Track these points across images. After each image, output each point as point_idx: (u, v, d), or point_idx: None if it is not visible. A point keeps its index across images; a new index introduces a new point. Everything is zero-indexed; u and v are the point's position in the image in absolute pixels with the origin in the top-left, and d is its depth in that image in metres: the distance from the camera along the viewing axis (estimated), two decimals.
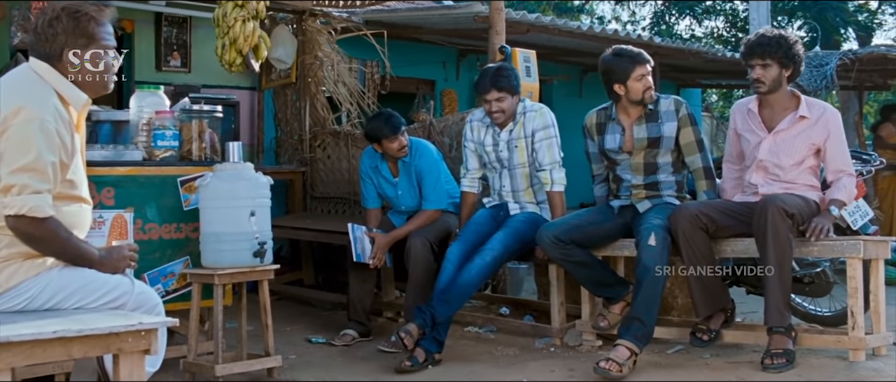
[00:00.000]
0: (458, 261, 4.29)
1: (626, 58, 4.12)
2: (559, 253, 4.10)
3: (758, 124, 3.92)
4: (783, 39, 3.84)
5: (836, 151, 3.81)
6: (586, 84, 10.94)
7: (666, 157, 4.18)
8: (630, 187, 4.21)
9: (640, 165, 4.19)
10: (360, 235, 4.77)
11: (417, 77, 9.22)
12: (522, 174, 4.57)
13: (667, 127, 4.15)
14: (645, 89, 4.11)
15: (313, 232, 5.90)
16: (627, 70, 4.09)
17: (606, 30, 7.67)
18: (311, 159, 6.81)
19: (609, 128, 4.28)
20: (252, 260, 3.94)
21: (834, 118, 3.83)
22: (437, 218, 4.82)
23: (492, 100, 4.44)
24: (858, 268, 3.52)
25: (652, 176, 4.17)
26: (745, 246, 3.80)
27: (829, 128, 3.80)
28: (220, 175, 3.99)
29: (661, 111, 4.18)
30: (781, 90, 3.86)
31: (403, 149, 4.83)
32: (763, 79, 3.87)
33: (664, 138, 4.15)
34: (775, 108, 3.89)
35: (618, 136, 4.23)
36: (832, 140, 3.80)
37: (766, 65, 3.86)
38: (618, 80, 4.13)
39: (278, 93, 7.27)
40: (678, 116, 4.16)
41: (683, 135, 4.17)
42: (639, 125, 4.19)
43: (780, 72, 3.83)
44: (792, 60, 3.81)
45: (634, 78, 4.09)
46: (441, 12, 6.81)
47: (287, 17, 7.01)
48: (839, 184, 3.78)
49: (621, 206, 4.25)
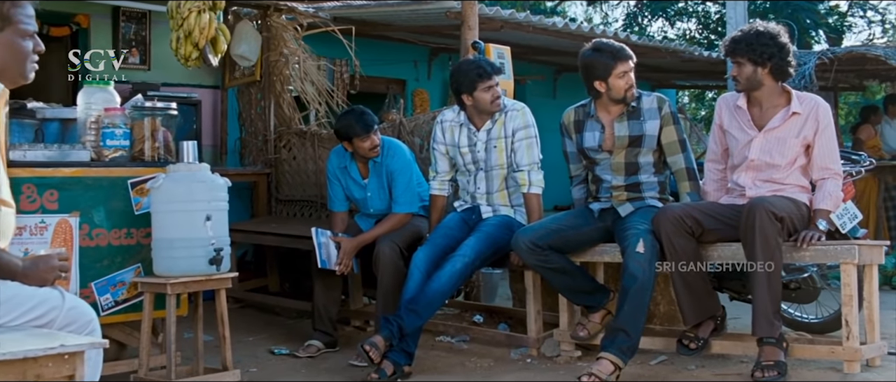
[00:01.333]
0: (427, 268, 4.06)
1: (608, 53, 3.91)
2: (536, 259, 3.87)
3: (747, 121, 3.71)
4: (755, 37, 3.65)
5: (824, 147, 3.62)
6: (561, 84, 10.81)
7: (648, 157, 3.98)
8: (610, 188, 4.00)
9: (620, 165, 3.98)
10: (324, 240, 4.51)
11: (388, 76, 9.05)
12: (499, 175, 4.35)
13: (649, 125, 3.95)
14: (627, 87, 3.90)
15: (278, 237, 5.64)
16: (609, 66, 3.88)
17: (582, 27, 7.46)
18: (276, 160, 6.55)
19: (588, 126, 4.07)
20: (208, 268, 3.67)
21: (825, 111, 3.63)
22: (407, 222, 4.58)
23: (494, 86, 4.23)
24: (853, 274, 3.32)
25: (633, 176, 3.96)
26: (732, 251, 3.60)
27: (819, 120, 3.61)
28: (173, 176, 3.72)
29: (643, 108, 3.97)
30: (765, 87, 3.67)
31: (375, 148, 4.58)
32: (738, 77, 3.71)
33: (646, 137, 3.94)
34: (764, 105, 3.69)
35: (597, 134, 4.02)
36: (821, 134, 3.61)
37: (739, 64, 3.70)
38: (599, 77, 3.92)
39: (242, 92, 7.00)
40: (661, 114, 3.96)
41: (666, 133, 3.96)
42: (620, 123, 3.98)
43: (756, 70, 3.64)
44: (768, 58, 3.60)
45: (616, 75, 3.89)
46: (412, 8, 6.55)
47: (251, 12, 6.74)
48: (824, 191, 3.58)
49: (602, 209, 4.03)
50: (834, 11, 16.26)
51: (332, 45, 6.55)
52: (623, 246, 3.71)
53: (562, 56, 9.47)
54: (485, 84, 4.19)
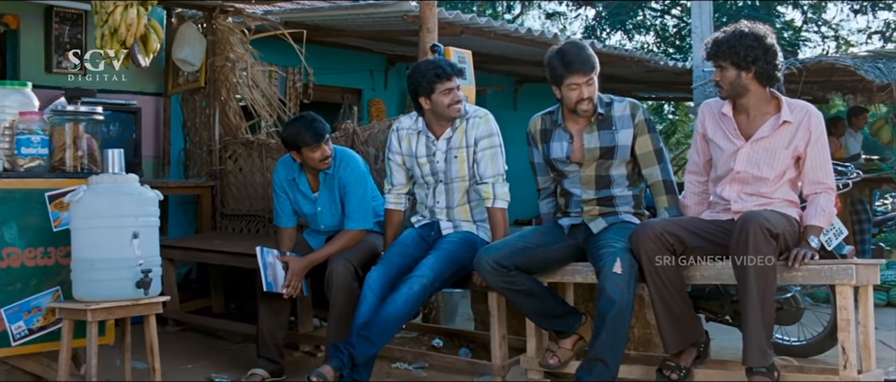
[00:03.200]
0: (381, 290, 3.71)
1: (563, 62, 3.54)
2: (501, 281, 3.53)
3: (733, 131, 3.41)
4: (738, 38, 3.34)
5: (816, 159, 3.33)
6: (522, 95, 10.59)
7: (620, 169, 3.66)
8: (580, 202, 3.68)
9: (591, 178, 3.66)
10: (270, 260, 4.12)
11: (343, 86, 8.77)
12: (460, 188, 4.00)
13: (622, 135, 3.64)
14: (578, 100, 3.56)
15: (222, 255, 5.22)
16: (562, 75, 3.55)
17: (545, 33, 7.16)
18: (221, 172, 6.14)
19: (555, 136, 3.74)
20: (134, 292, 3.28)
21: (817, 120, 3.35)
22: (361, 239, 4.21)
23: (454, 88, 3.88)
24: (850, 297, 3.03)
25: (605, 190, 3.65)
26: (717, 271, 3.29)
27: (811, 130, 3.32)
28: (96, 188, 3.33)
29: (614, 117, 3.66)
30: (752, 94, 3.37)
31: (326, 159, 4.20)
32: (721, 82, 3.41)
33: (619, 147, 3.63)
34: (751, 113, 3.40)
35: (565, 145, 3.69)
36: (813, 145, 3.32)
37: (722, 67, 3.39)
38: (554, 82, 3.62)
39: (187, 100, 6.60)
40: (634, 122, 3.65)
41: (640, 143, 3.65)
42: (589, 133, 3.66)
43: (739, 74, 3.34)
44: (752, 61, 3.31)
45: (568, 85, 3.55)
46: (367, 12, 6.20)
47: (196, 14, 6.33)
48: (816, 206, 3.30)
49: (572, 225, 3.70)
50: (789, 26, 16.31)
51: (285, 53, 6.19)
52: (598, 267, 3.38)
53: (523, 65, 9.22)
54: (444, 85, 3.85)
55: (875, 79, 6.76)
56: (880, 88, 7.45)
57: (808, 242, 3.19)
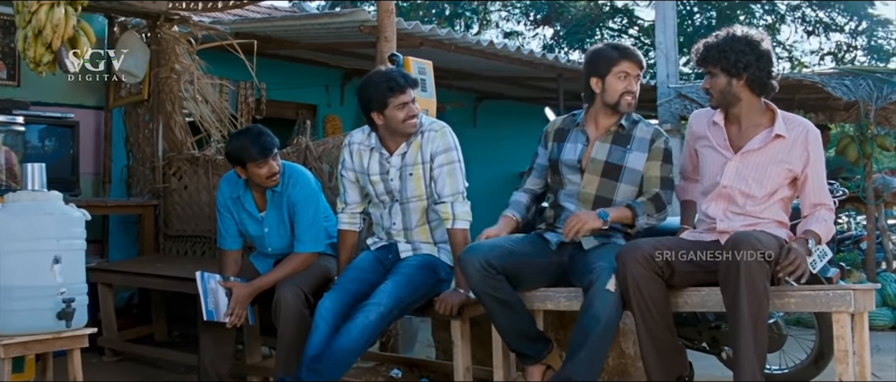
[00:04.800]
0: (334, 319, 3.39)
1: (615, 48, 3.39)
2: (487, 284, 3.22)
3: (722, 141, 3.17)
4: (728, 42, 3.11)
5: (817, 180, 3.11)
6: (481, 112, 10.37)
7: (626, 196, 3.40)
8: None
9: (589, 197, 3.40)
10: (213, 286, 3.78)
11: (297, 101, 8.50)
12: (418, 208, 3.70)
13: (633, 157, 3.39)
14: (625, 91, 3.35)
15: (164, 279, 4.86)
16: (612, 61, 3.34)
17: (508, 46, 6.92)
18: (165, 190, 5.76)
19: (571, 136, 3.50)
20: (56, 324, 2.91)
21: (816, 139, 3.12)
22: (312, 263, 3.89)
23: (409, 102, 3.58)
24: (847, 326, 2.78)
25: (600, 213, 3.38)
26: (702, 297, 3.03)
27: (809, 150, 3.09)
28: (13, 207, 2.99)
29: (634, 136, 3.42)
30: (744, 103, 3.13)
31: (274, 176, 3.88)
32: (710, 89, 3.17)
33: (626, 170, 3.38)
34: (743, 124, 3.16)
35: (579, 147, 3.44)
36: (812, 166, 3.10)
37: (712, 74, 3.16)
38: (597, 73, 3.37)
39: (130, 114, 6.23)
40: (651, 147, 3.40)
41: (649, 167, 3.40)
42: (602, 142, 3.41)
43: (730, 82, 3.10)
44: (743, 67, 3.07)
45: (616, 73, 3.34)
46: (322, 22, 5.91)
47: (139, 22, 5.98)
48: (818, 216, 3.08)
49: (561, 242, 3.42)
50: None
51: (237, 67, 5.85)
52: (587, 281, 3.10)
53: (483, 81, 9.02)
54: (398, 99, 3.55)
55: (842, 95, 6.62)
56: (847, 106, 7.34)
57: (805, 241, 2.95)
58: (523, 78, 8.70)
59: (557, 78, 7.95)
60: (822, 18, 16.63)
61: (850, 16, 16.33)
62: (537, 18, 17.96)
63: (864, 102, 6.69)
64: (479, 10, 17.63)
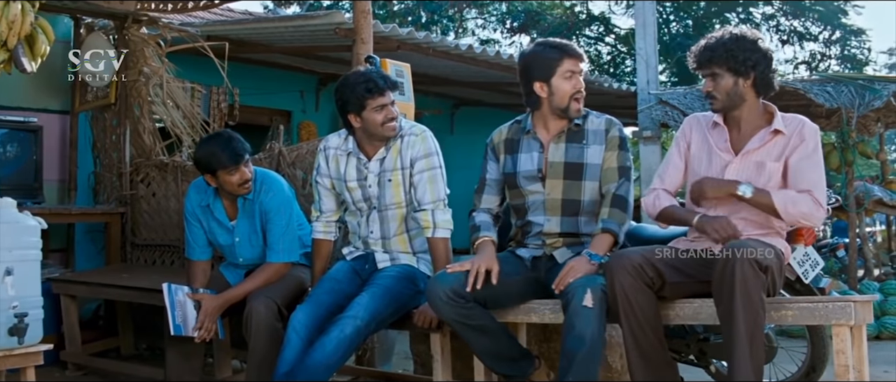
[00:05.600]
0: (308, 333, 3.22)
1: (555, 47, 3.22)
2: (456, 313, 3.06)
3: (724, 143, 3.03)
4: (734, 41, 2.97)
5: (806, 165, 2.92)
6: (458, 119, 10.26)
7: (594, 195, 3.25)
8: (541, 235, 3.26)
9: (556, 203, 3.24)
10: (180, 298, 3.59)
11: (271, 107, 8.31)
12: (396, 216, 3.54)
13: (592, 151, 3.24)
14: (574, 92, 3.19)
15: (129, 291, 4.66)
16: (553, 62, 3.18)
17: (487, 50, 6.79)
18: (132, 198, 5.56)
19: (524, 145, 3.33)
20: (7, 340, 2.72)
21: (812, 131, 2.97)
22: (285, 274, 3.71)
23: (388, 104, 3.42)
24: (848, 339, 2.65)
25: (571, 219, 3.24)
26: (694, 309, 2.89)
27: (805, 137, 2.94)
28: None
29: (588, 130, 3.26)
30: (747, 105, 3.00)
31: (246, 183, 3.70)
32: (715, 92, 3.02)
33: (588, 166, 3.23)
34: (743, 127, 3.03)
35: (536, 156, 3.28)
36: (802, 151, 2.92)
37: (716, 76, 3.00)
38: (539, 77, 3.21)
39: (97, 118, 6.02)
40: (607, 137, 3.26)
41: (606, 158, 3.25)
42: (556, 144, 3.26)
43: (737, 82, 2.97)
44: (751, 66, 2.94)
45: (562, 74, 3.18)
46: (296, 25, 5.74)
47: (107, 24, 5.78)
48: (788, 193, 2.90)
49: (534, 257, 3.27)
50: None
51: (209, 71, 5.67)
52: (565, 300, 2.94)
53: (461, 88, 8.89)
54: (376, 101, 3.39)
55: (824, 102, 6.56)
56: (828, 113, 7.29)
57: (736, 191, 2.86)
58: (502, 84, 8.58)
59: None
60: (797, 28, 16.70)
61: (824, 25, 16.42)
62: (514, 26, 17.89)
63: (846, 109, 6.64)
64: (456, 17, 17.53)
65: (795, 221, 2.93)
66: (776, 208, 2.87)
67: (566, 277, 2.97)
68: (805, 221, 2.94)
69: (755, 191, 2.90)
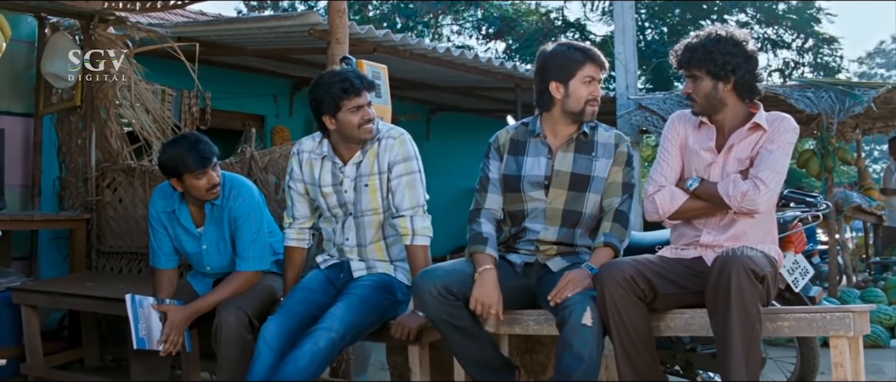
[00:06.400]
0: (280, 345, 3.07)
1: (579, 50, 3.10)
2: (444, 311, 2.93)
3: (709, 143, 2.91)
4: (715, 43, 2.85)
5: (764, 153, 2.80)
6: (435, 125, 10.13)
7: (595, 208, 3.14)
8: (536, 242, 3.12)
9: (557, 213, 3.12)
10: (145, 310, 3.42)
11: (244, 111, 8.19)
12: (373, 222, 3.40)
13: (600, 164, 3.13)
14: (590, 99, 3.08)
15: (93, 300, 4.46)
16: (575, 64, 3.06)
17: (465, 54, 6.66)
18: (98, 204, 5.36)
19: (531, 148, 3.19)
20: None
21: (787, 127, 2.84)
22: (255, 283, 3.55)
23: (364, 105, 3.28)
24: (846, 351, 2.54)
25: (568, 229, 3.12)
26: (685, 320, 2.77)
27: (778, 131, 2.82)
28: None
29: (598, 142, 3.16)
30: (729, 109, 2.89)
31: (214, 188, 3.54)
32: (694, 94, 2.91)
33: (594, 179, 3.12)
34: (726, 130, 2.92)
35: (543, 161, 3.15)
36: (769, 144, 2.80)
37: (695, 78, 2.90)
38: (557, 77, 3.08)
39: (62, 121, 5.82)
40: (616, 152, 3.15)
41: (614, 173, 3.15)
42: (564, 152, 3.14)
43: (716, 86, 2.86)
44: (732, 70, 2.83)
45: (581, 78, 3.07)
46: (269, 25, 5.58)
47: (72, 24, 5.59)
48: (734, 180, 2.80)
49: (526, 263, 3.14)
50: None
51: (180, 74, 5.50)
52: (561, 316, 2.80)
53: (437, 92, 8.78)
54: (353, 102, 3.24)
55: (805, 108, 6.51)
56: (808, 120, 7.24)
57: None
58: (479, 88, 8.48)
59: (515, 88, 7.73)
60: (770, 36, 16.78)
61: (797, 33, 16.51)
62: (489, 32, 17.84)
63: (827, 115, 6.59)
64: (431, 23, 17.43)
65: (739, 206, 2.79)
66: (720, 195, 2.78)
67: (564, 290, 2.84)
68: (746, 205, 2.77)
69: (703, 183, 2.83)
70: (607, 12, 16.74)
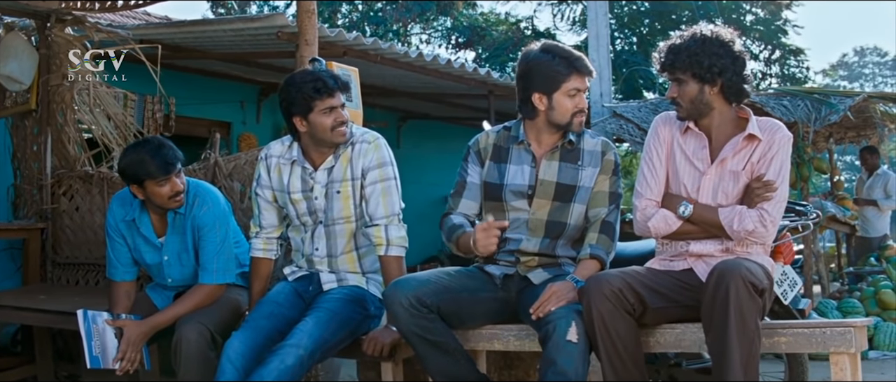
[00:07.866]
0: (245, 362, 2.90)
1: (564, 59, 2.91)
2: (417, 324, 2.76)
3: (702, 151, 2.77)
4: (700, 44, 2.72)
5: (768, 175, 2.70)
6: (405, 133, 9.98)
7: (579, 219, 2.99)
8: (517, 253, 2.97)
9: (541, 223, 2.97)
10: (99, 326, 3.22)
11: (210, 118, 7.99)
12: (345, 231, 3.23)
13: (586, 173, 2.99)
14: (576, 111, 2.92)
15: (45, 315, 4.23)
16: (560, 76, 2.90)
17: (439, 58, 6.50)
18: (53, 212, 5.12)
19: (514, 156, 3.04)
20: None
21: (785, 140, 2.74)
22: (219, 297, 3.37)
23: (338, 106, 3.12)
24: (848, 368, 2.41)
25: (551, 240, 2.97)
26: (676, 336, 2.63)
27: (777, 146, 2.70)
28: None
29: (584, 150, 3.00)
30: (716, 113, 2.76)
31: (178, 195, 3.34)
32: (679, 99, 2.77)
33: (580, 189, 2.97)
34: (715, 138, 2.79)
35: (527, 170, 3.00)
36: (769, 160, 2.69)
37: (680, 81, 2.76)
38: (541, 88, 2.92)
39: (17, 126, 5.57)
40: (603, 160, 3.00)
41: (600, 181, 3.00)
42: (549, 161, 2.98)
43: (702, 89, 2.72)
44: (718, 73, 2.69)
45: (566, 90, 2.90)
46: (235, 28, 5.38)
47: (28, 24, 5.35)
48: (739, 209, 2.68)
49: (505, 275, 2.98)
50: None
51: (143, 79, 5.26)
52: (545, 331, 2.65)
53: (408, 99, 8.63)
54: (325, 103, 3.08)
55: (782, 116, 6.44)
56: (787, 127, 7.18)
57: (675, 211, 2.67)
58: (451, 95, 8.33)
59: (488, 95, 7.58)
60: None
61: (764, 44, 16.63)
62: (459, 41, 17.76)
63: (803, 124, 6.52)
64: (401, 31, 17.31)
65: (743, 240, 2.68)
66: (722, 226, 2.65)
67: (548, 303, 2.68)
68: (752, 240, 2.68)
69: (698, 209, 2.69)
70: (578, 21, 16.72)
